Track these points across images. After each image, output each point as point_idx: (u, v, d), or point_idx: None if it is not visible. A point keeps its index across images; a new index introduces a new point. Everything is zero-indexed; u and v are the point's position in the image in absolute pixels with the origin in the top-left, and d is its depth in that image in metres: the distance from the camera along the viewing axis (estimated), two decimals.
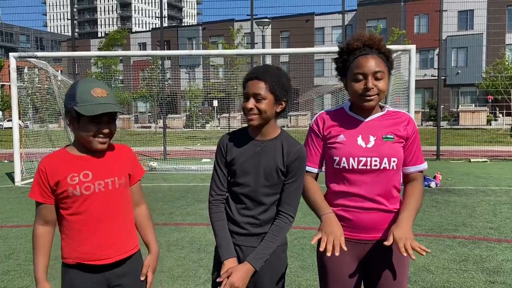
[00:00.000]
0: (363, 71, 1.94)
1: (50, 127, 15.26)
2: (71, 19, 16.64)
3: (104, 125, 1.89)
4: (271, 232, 2.01)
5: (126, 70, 36.29)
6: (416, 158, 2.06)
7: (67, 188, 1.87)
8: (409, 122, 2.05)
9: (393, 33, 26.97)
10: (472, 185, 9.53)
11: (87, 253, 1.92)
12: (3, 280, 4.25)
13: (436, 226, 6.11)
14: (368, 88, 1.94)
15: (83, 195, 1.89)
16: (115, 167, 1.99)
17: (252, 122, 1.98)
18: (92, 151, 1.95)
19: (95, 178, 1.91)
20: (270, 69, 1.99)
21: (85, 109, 1.82)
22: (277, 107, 2.01)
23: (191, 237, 5.63)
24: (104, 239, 1.94)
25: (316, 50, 15.76)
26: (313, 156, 2.11)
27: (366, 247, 2.03)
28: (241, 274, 1.92)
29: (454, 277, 4.22)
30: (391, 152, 1.98)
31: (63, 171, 1.89)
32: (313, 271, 4.33)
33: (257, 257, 1.96)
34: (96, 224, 1.92)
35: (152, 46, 47.75)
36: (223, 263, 1.98)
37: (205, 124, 32.83)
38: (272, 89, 1.95)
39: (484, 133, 25.01)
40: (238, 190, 2.04)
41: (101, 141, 1.91)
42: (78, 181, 1.88)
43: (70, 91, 1.89)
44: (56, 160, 1.91)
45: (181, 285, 4.06)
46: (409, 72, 10.14)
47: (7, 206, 7.81)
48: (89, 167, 1.92)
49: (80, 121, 1.86)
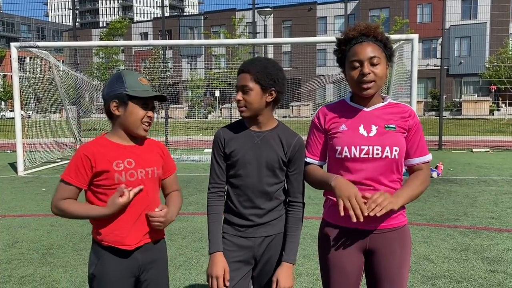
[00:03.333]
0: (359, 57, 1.95)
1: (52, 117, 15.28)
2: (72, 9, 16.57)
3: (150, 111, 2.03)
4: (292, 225, 2.08)
5: (128, 60, 36.18)
6: (420, 150, 2.06)
7: (113, 174, 1.95)
8: (411, 114, 2.05)
9: (396, 22, 26.80)
10: (473, 175, 9.53)
11: (125, 237, 1.99)
12: (7, 268, 4.29)
13: (437, 215, 6.13)
14: (364, 73, 1.94)
15: (127, 181, 1.98)
16: (153, 158, 2.09)
17: (242, 114, 2.04)
18: (132, 141, 2.05)
19: (137, 166, 2.01)
20: (256, 61, 2.03)
21: (139, 93, 1.96)
22: (266, 97, 2.02)
23: (193, 227, 5.67)
24: (141, 224, 2.02)
25: (318, 40, 15.68)
26: (314, 148, 2.12)
27: (369, 237, 2.03)
28: (285, 276, 2.01)
29: (455, 266, 4.24)
30: (393, 141, 1.98)
31: (109, 158, 1.97)
32: (313, 260, 4.36)
33: (290, 252, 2.05)
34: (135, 210, 2.01)
35: (154, 35, 47.56)
36: (210, 256, 2.02)
37: (207, 114, 32.82)
38: (257, 79, 1.99)
39: (487, 123, 24.95)
40: (239, 182, 2.06)
41: (145, 128, 2.03)
42: (123, 168, 1.98)
43: (114, 79, 2.01)
44: (100, 147, 1.99)
45: (183, 274, 4.10)
46: (411, 62, 10.09)
47: (10, 195, 7.85)
48: (131, 155, 2.02)
49: (128, 106, 1.97)
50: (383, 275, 2.04)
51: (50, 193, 8.04)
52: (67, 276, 4.07)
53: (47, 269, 4.25)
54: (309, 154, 2.12)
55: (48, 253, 4.73)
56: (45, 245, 4.99)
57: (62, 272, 4.19)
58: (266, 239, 2.07)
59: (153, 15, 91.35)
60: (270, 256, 2.08)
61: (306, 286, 3.80)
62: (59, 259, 4.54)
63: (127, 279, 2.01)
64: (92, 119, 22.10)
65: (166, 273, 2.18)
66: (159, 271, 2.12)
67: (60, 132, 14.97)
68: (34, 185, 8.90)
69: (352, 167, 2.00)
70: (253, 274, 2.13)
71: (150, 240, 2.07)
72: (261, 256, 2.08)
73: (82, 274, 4.13)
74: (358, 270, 2.07)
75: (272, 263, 2.08)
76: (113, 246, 1.98)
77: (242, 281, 2.07)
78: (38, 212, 6.57)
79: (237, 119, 2.19)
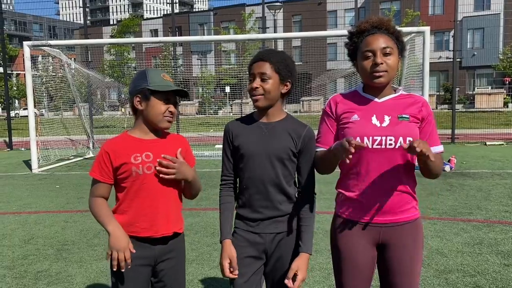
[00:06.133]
0: (372, 48, 1.95)
1: (65, 115, 15.44)
2: (83, 7, 16.69)
3: (172, 105, 2.09)
4: (305, 216, 2.07)
5: (139, 57, 36.37)
6: (433, 141, 2.04)
7: (130, 167, 2.03)
8: (424, 104, 2.03)
9: (407, 14, 26.44)
10: (487, 168, 9.42)
11: (145, 228, 2.06)
12: (23, 264, 4.36)
13: (450, 209, 6.08)
14: (377, 63, 1.93)
15: (145, 174, 2.04)
16: (173, 152, 2.13)
17: (257, 103, 2.02)
18: (153, 134, 2.11)
19: (155, 159, 2.06)
20: (274, 52, 2.06)
21: (160, 87, 2.04)
22: (282, 88, 2.04)
23: (205, 222, 5.70)
24: (159, 216, 2.08)
25: (328, 34, 15.57)
26: (325, 138, 2.09)
27: (382, 231, 2.02)
28: (304, 266, 2.02)
29: (468, 260, 4.20)
30: (406, 131, 1.96)
31: (127, 152, 2.04)
32: (325, 254, 4.36)
33: (306, 243, 2.05)
34: (153, 202, 2.07)
35: (164, 32, 47.68)
36: (221, 243, 2.08)
37: (217, 110, 32.85)
38: (277, 69, 2.00)
39: (501, 115, 24.59)
40: (249, 174, 2.06)
41: (169, 120, 2.09)
42: (141, 161, 2.04)
43: (138, 76, 2.09)
44: (119, 142, 2.08)
45: (195, 269, 4.13)
46: (423, 55, 9.99)
47: (25, 192, 7.97)
48: (150, 148, 2.08)
49: (151, 101, 2.04)
50: (396, 269, 2.03)
51: (64, 190, 8.14)
52: (82, 271, 4.13)
53: (62, 265, 4.32)
54: (320, 144, 2.09)
55: (63, 248, 4.80)
56: (60, 241, 5.06)
57: (77, 267, 4.25)
58: (277, 236, 2.07)
59: (163, 11, 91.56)
60: (281, 253, 2.08)
61: (318, 281, 3.80)
62: (74, 255, 4.60)
63: (143, 268, 2.08)
64: (104, 116, 22.29)
65: (183, 264, 2.24)
66: (177, 261, 2.18)
67: (73, 130, 15.14)
68: (48, 182, 9.02)
69: (364, 157, 1.99)
70: (265, 270, 2.14)
71: (170, 233, 2.12)
72: (273, 253, 2.08)
73: (97, 269, 4.18)
74: (370, 264, 2.07)
75: (284, 260, 2.08)
76: (132, 235, 2.04)
77: (254, 277, 2.08)
78: (52, 209, 6.66)
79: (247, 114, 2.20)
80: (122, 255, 1.94)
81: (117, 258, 1.94)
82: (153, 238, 2.08)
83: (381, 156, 1.97)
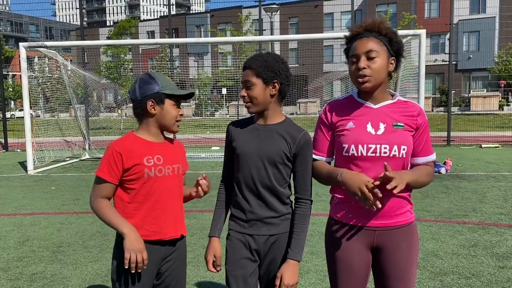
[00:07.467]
0: (356, 52, 1.96)
1: (61, 116, 15.40)
2: (79, 8, 16.66)
3: (180, 109, 2.14)
4: (298, 222, 2.07)
5: (135, 58, 36.29)
6: (426, 150, 2.05)
7: (143, 169, 2.03)
8: (420, 113, 2.03)
9: (403, 17, 26.56)
10: (482, 170, 9.47)
11: (154, 231, 2.08)
12: (18, 266, 4.35)
13: (445, 211, 6.10)
14: (359, 67, 1.94)
15: (156, 176, 2.07)
16: (178, 156, 2.19)
17: (249, 110, 2.08)
18: (160, 138, 2.14)
19: (165, 163, 2.10)
20: (257, 56, 2.07)
21: (174, 91, 2.07)
22: (270, 90, 2.04)
23: (201, 224, 5.70)
24: (168, 219, 2.12)
25: (325, 36, 15.56)
26: (321, 145, 2.11)
27: (376, 234, 2.03)
28: (290, 272, 2.00)
29: (463, 262, 4.22)
30: (401, 139, 1.96)
31: (140, 154, 2.05)
32: (321, 256, 4.37)
33: (296, 250, 2.04)
34: (162, 205, 2.10)
35: (161, 34, 47.70)
36: (209, 238, 2.15)
37: (214, 112, 32.86)
38: (258, 73, 2.02)
39: (496, 118, 24.71)
40: (243, 174, 2.09)
41: (178, 125, 2.15)
42: (153, 164, 2.06)
43: (146, 80, 2.06)
44: (131, 143, 2.06)
45: (191, 271, 4.13)
46: (419, 57, 10.04)
47: (20, 194, 7.94)
48: (160, 152, 2.11)
49: (165, 105, 2.07)
50: (391, 272, 2.04)
51: (59, 191, 8.12)
52: (77, 273, 4.12)
53: (57, 267, 4.30)
54: (316, 151, 2.11)
55: (58, 250, 4.78)
56: (55, 243, 5.04)
57: (72, 269, 4.24)
58: (270, 238, 2.07)
59: (160, 13, 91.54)
60: (274, 256, 2.08)
61: (314, 283, 3.81)
62: (69, 257, 4.59)
63: (151, 270, 2.09)
64: (101, 118, 22.23)
65: (185, 265, 2.27)
66: (179, 263, 2.21)
67: (69, 131, 15.10)
68: (44, 184, 8.98)
69: (359, 165, 1.99)
70: (259, 273, 2.14)
71: (178, 236, 2.15)
72: (266, 255, 2.09)
73: (92, 271, 4.17)
74: (365, 267, 2.07)
75: (277, 263, 2.08)
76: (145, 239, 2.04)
77: (251, 279, 2.08)
78: (48, 210, 6.64)
79: (246, 116, 2.23)
80: (141, 257, 1.95)
81: (135, 260, 1.93)
82: (162, 240, 2.09)
83: (375, 164, 1.97)
